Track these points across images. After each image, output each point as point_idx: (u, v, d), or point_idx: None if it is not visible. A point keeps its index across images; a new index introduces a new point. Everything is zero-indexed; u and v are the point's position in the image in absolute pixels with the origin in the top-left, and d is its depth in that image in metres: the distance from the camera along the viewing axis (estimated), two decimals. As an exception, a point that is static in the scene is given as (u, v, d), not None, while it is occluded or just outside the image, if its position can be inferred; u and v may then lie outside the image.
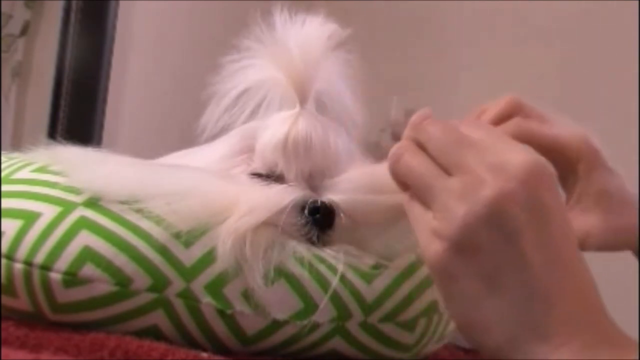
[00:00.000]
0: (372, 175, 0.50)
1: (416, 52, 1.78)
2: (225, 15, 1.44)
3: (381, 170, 0.51)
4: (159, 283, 0.41)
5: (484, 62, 1.68)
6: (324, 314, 0.44)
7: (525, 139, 0.45)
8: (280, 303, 0.43)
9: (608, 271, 0.53)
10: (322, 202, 0.47)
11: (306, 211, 0.47)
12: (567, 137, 0.46)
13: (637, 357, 0.33)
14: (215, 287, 0.42)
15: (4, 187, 0.44)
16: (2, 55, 1.33)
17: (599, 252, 0.47)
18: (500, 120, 0.48)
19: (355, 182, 0.49)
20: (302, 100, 0.53)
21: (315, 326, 0.44)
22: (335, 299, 0.45)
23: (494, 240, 0.33)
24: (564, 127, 0.47)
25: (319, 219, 0.47)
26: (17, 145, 0.82)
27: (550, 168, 0.36)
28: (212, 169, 0.52)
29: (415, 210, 0.38)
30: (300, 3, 0.55)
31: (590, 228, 0.45)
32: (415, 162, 0.39)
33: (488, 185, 0.34)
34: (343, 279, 0.45)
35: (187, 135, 0.55)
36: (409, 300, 0.47)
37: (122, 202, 0.43)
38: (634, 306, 1.35)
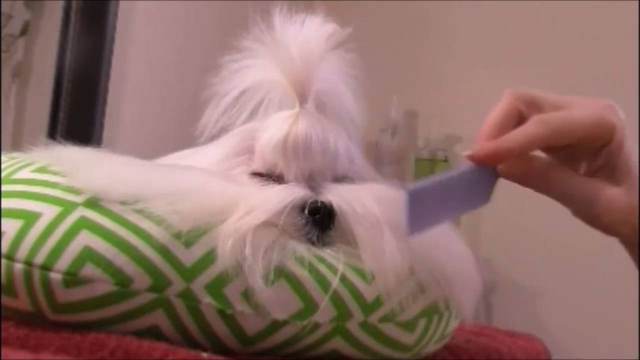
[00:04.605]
0: (372, 187, 0.51)
1: (416, 52, 1.78)
2: (224, 16, 1.44)
3: (380, 185, 0.51)
4: (159, 283, 0.41)
5: (485, 61, 1.68)
6: (324, 314, 0.44)
7: (559, 137, 0.44)
8: (280, 303, 0.43)
9: (608, 271, 0.53)
10: (322, 203, 0.48)
11: (306, 211, 0.47)
12: (597, 120, 0.45)
13: None
14: (216, 287, 0.42)
15: (4, 187, 0.44)
16: (2, 55, 1.33)
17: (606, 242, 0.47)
18: (508, 120, 0.45)
19: (356, 188, 0.50)
20: (302, 100, 0.53)
21: (316, 326, 0.44)
22: (336, 299, 0.45)
23: None
24: (586, 109, 0.45)
25: (319, 219, 0.47)
26: (17, 145, 0.82)
27: None
28: (212, 169, 0.52)
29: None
30: (300, 3, 0.55)
31: (616, 196, 0.45)
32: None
33: None
34: (343, 279, 0.46)
35: (187, 135, 0.55)
36: (409, 300, 0.47)
37: (123, 203, 0.43)
38: (634, 305, 1.35)
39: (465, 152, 0.45)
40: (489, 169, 0.46)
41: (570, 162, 0.47)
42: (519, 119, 0.46)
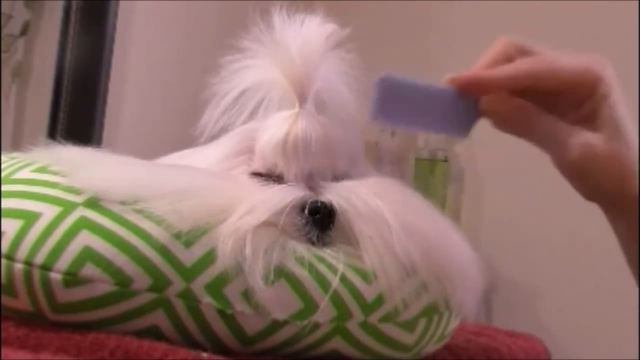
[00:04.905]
0: (372, 182, 0.50)
1: (416, 52, 1.78)
2: (224, 16, 1.44)
3: (380, 180, 0.51)
4: (159, 283, 0.42)
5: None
6: (324, 314, 0.44)
7: (543, 78, 0.45)
8: (280, 303, 0.43)
9: (608, 271, 0.53)
10: (322, 202, 0.47)
11: (306, 211, 0.47)
12: (583, 68, 0.45)
13: None
14: (216, 287, 0.42)
15: (4, 187, 0.44)
16: (2, 55, 1.33)
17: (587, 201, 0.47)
18: (498, 62, 0.46)
19: (356, 185, 0.50)
20: (302, 100, 0.53)
21: (316, 326, 0.44)
22: (336, 299, 0.45)
23: None
24: (574, 59, 0.46)
25: (319, 219, 0.47)
26: (17, 145, 0.82)
27: None
28: (212, 169, 0.52)
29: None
30: (299, 3, 0.55)
31: (594, 142, 0.45)
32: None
33: None
34: (343, 279, 0.46)
35: (187, 135, 0.55)
36: (409, 299, 0.47)
37: (123, 202, 0.43)
38: (634, 305, 1.35)
39: (448, 76, 0.45)
40: (472, 104, 0.46)
41: (555, 112, 0.47)
42: (509, 62, 0.46)
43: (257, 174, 0.51)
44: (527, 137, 0.47)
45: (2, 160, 0.48)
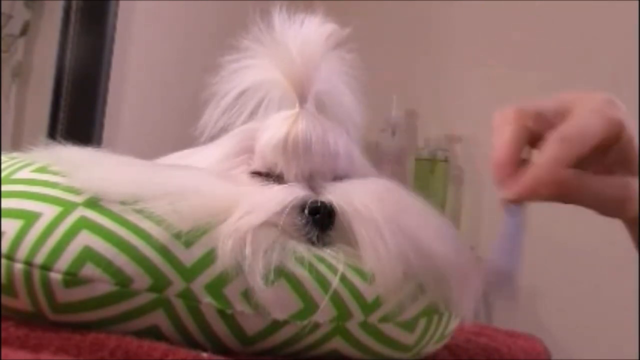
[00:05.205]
0: (373, 185, 0.50)
1: (416, 52, 1.78)
2: (224, 16, 1.44)
3: (379, 181, 0.51)
4: (159, 283, 0.41)
5: (484, 61, 1.68)
6: (324, 314, 0.44)
7: (579, 150, 0.43)
8: (280, 303, 0.43)
9: (608, 271, 0.53)
10: (322, 202, 0.48)
11: (306, 211, 0.47)
12: (608, 121, 0.44)
13: None
14: (216, 287, 0.42)
15: (4, 187, 0.44)
16: (2, 55, 1.33)
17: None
18: (521, 140, 0.45)
19: (355, 186, 0.50)
20: (302, 100, 0.53)
21: (316, 326, 0.44)
22: (336, 299, 0.45)
23: None
24: (591, 112, 0.45)
25: (319, 219, 0.47)
26: (17, 145, 0.82)
27: None
28: (212, 169, 0.52)
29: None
30: (299, 3, 0.55)
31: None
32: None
33: None
34: (343, 279, 0.46)
35: (187, 135, 0.55)
36: (409, 300, 0.47)
37: (123, 203, 0.43)
38: (634, 305, 1.35)
39: (501, 197, 0.45)
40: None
41: (581, 164, 0.46)
42: (530, 136, 0.45)
43: (257, 174, 0.51)
44: (575, 203, 0.46)
45: (2, 160, 0.48)
